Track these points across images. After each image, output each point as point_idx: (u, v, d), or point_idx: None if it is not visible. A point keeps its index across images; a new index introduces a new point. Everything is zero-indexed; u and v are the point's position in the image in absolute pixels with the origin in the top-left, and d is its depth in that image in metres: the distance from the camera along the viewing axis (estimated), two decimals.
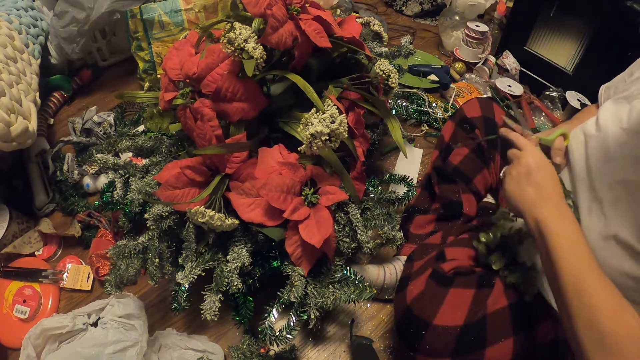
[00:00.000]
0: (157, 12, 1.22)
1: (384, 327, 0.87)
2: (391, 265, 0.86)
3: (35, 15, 1.23)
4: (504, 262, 0.66)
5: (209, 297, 0.67)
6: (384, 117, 0.82)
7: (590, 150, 0.60)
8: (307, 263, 0.69)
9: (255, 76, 0.68)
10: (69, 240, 0.99)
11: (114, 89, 1.39)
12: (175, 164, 0.73)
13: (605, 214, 0.56)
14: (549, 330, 0.63)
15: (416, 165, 1.16)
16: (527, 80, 1.39)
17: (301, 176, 0.68)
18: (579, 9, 1.18)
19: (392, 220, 0.76)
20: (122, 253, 0.74)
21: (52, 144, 1.12)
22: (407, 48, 1.03)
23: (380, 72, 0.79)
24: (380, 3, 1.85)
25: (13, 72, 0.97)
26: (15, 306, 0.87)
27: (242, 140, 0.70)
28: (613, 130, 0.57)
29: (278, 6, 0.67)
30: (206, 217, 0.63)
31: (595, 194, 0.58)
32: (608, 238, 0.56)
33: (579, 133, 0.64)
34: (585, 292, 0.47)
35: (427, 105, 1.28)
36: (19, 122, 0.88)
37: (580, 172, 0.61)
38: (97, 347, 0.80)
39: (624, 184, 0.54)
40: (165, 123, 0.84)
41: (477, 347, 0.60)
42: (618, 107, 0.59)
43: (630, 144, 0.54)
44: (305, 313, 0.69)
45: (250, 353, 0.74)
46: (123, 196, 0.81)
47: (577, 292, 0.48)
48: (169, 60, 0.77)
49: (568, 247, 0.50)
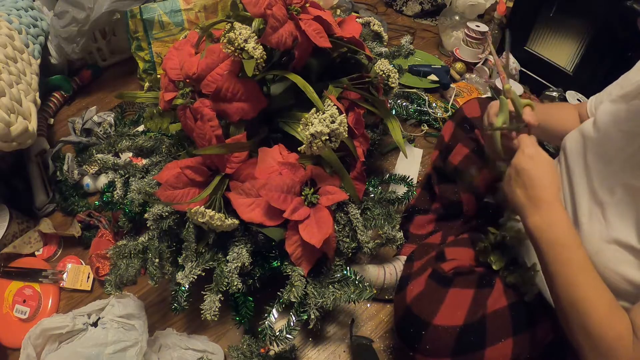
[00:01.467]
0: (157, 12, 1.22)
1: (384, 327, 0.87)
2: (391, 265, 0.86)
3: (35, 15, 1.23)
4: (504, 262, 0.66)
5: (209, 297, 0.67)
6: (384, 117, 0.82)
7: (589, 152, 0.60)
8: (307, 263, 0.69)
9: (255, 76, 0.68)
10: (69, 240, 0.99)
11: (114, 89, 1.39)
12: (175, 164, 0.73)
13: (607, 217, 0.55)
14: (549, 330, 0.63)
15: (416, 165, 1.16)
16: (527, 80, 1.39)
17: (301, 176, 0.68)
18: (579, 9, 1.18)
19: (392, 220, 0.76)
20: (122, 253, 0.74)
21: (52, 144, 1.12)
22: (407, 48, 1.03)
23: (380, 72, 0.79)
24: (380, 3, 1.85)
25: (13, 72, 0.97)
26: (15, 306, 0.87)
27: (242, 140, 0.70)
28: (612, 133, 0.57)
29: (278, 6, 0.67)
30: (206, 217, 0.63)
31: (595, 197, 0.57)
32: (610, 242, 0.55)
33: (577, 135, 0.64)
34: (577, 300, 0.49)
35: (427, 105, 1.28)
36: (19, 122, 0.88)
37: (579, 175, 0.61)
38: (97, 347, 0.80)
39: (625, 187, 0.53)
40: (165, 123, 0.84)
41: (477, 347, 0.60)
42: (615, 107, 0.59)
43: (629, 147, 0.54)
44: (305, 313, 0.69)
45: (250, 353, 0.74)
46: (123, 196, 0.81)
47: (569, 300, 0.49)
48: (169, 60, 0.77)
49: (559, 254, 0.51)
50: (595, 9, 1.13)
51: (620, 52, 1.09)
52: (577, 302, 0.49)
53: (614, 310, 0.48)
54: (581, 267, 0.50)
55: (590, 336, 0.47)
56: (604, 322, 0.47)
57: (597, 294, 0.48)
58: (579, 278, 0.49)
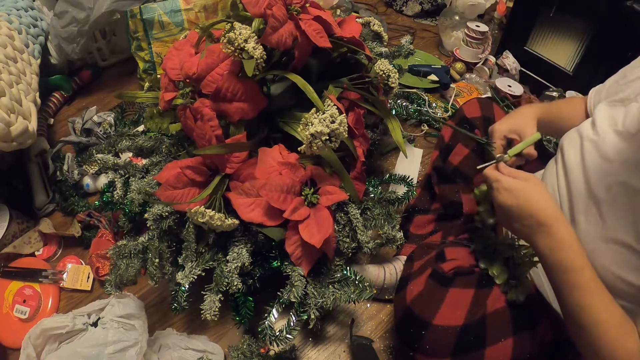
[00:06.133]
0: (157, 12, 1.22)
1: (384, 327, 0.87)
2: (391, 265, 0.86)
3: (35, 15, 1.23)
4: (506, 276, 0.66)
5: (209, 297, 0.67)
6: (384, 117, 0.82)
7: (587, 152, 0.60)
8: (307, 263, 0.69)
9: (255, 76, 0.68)
10: (69, 240, 0.99)
11: (114, 89, 1.39)
12: (175, 164, 0.73)
13: (603, 216, 0.56)
14: (549, 330, 0.63)
15: (416, 165, 1.16)
16: (527, 80, 1.40)
17: (301, 176, 0.68)
18: (579, 9, 1.18)
19: (392, 220, 0.76)
20: (122, 253, 0.74)
21: (52, 144, 1.12)
22: (407, 48, 1.03)
23: (380, 72, 0.79)
24: (380, 3, 1.85)
25: (13, 72, 0.96)
26: (15, 306, 0.86)
27: (242, 140, 0.70)
28: (609, 134, 0.57)
29: (278, 6, 0.67)
30: (206, 217, 0.63)
31: (592, 195, 0.57)
32: (607, 241, 0.55)
33: (575, 134, 0.64)
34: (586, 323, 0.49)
35: (427, 105, 1.28)
36: (19, 122, 0.88)
37: (576, 173, 0.61)
38: (97, 347, 0.80)
39: (622, 186, 0.53)
40: (165, 123, 0.84)
41: (477, 347, 0.60)
42: (613, 110, 0.59)
43: (627, 149, 0.54)
44: (305, 313, 0.69)
45: (250, 353, 0.74)
46: (123, 196, 0.81)
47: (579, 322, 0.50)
48: (169, 60, 0.77)
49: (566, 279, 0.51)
50: (595, 9, 1.13)
51: (620, 52, 1.09)
52: (586, 326, 0.49)
53: (624, 327, 0.48)
54: (589, 290, 0.49)
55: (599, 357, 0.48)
56: (613, 343, 0.47)
57: (606, 315, 0.48)
58: (587, 300, 0.49)
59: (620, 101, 0.59)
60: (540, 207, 0.54)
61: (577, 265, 0.50)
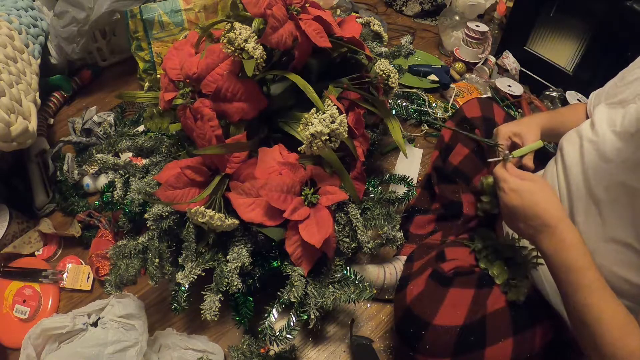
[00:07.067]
0: (157, 12, 1.22)
1: (384, 327, 0.87)
2: (391, 265, 0.86)
3: (35, 15, 1.23)
4: (506, 276, 0.66)
5: (209, 297, 0.67)
6: (384, 117, 0.82)
7: (586, 152, 0.60)
8: (307, 263, 0.69)
9: (255, 76, 0.68)
10: (69, 240, 0.99)
11: (114, 89, 1.39)
12: (175, 164, 0.73)
13: (603, 216, 0.56)
14: (549, 330, 0.63)
15: (416, 165, 1.16)
16: (527, 80, 1.39)
17: (301, 176, 0.68)
18: (579, 9, 1.18)
19: (392, 220, 0.76)
20: (122, 253, 0.74)
21: (52, 144, 1.12)
22: (407, 48, 1.03)
23: (380, 72, 0.79)
24: (380, 3, 1.85)
25: (13, 72, 0.96)
26: (15, 306, 0.87)
27: (242, 140, 0.70)
28: (608, 135, 0.57)
29: (278, 6, 0.67)
30: (206, 217, 0.63)
31: (592, 195, 0.58)
32: (607, 240, 0.55)
33: (574, 135, 0.64)
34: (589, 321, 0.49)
35: (427, 105, 1.28)
36: (19, 122, 0.88)
37: (575, 173, 0.61)
38: (97, 347, 0.80)
39: (621, 186, 0.54)
40: (165, 123, 0.84)
41: (477, 347, 0.60)
42: (612, 111, 0.59)
43: (626, 149, 0.54)
44: (305, 313, 0.69)
45: (250, 353, 0.74)
46: (123, 196, 0.81)
47: (582, 320, 0.50)
48: (169, 60, 0.77)
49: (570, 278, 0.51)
50: (595, 9, 1.13)
51: (620, 52, 1.09)
52: (590, 324, 0.49)
53: (627, 326, 0.48)
54: (593, 289, 0.49)
55: (601, 355, 0.48)
56: (616, 342, 0.47)
57: (609, 314, 0.48)
58: (590, 300, 0.49)
59: (618, 103, 0.60)
60: (546, 208, 0.54)
61: (582, 265, 0.51)
